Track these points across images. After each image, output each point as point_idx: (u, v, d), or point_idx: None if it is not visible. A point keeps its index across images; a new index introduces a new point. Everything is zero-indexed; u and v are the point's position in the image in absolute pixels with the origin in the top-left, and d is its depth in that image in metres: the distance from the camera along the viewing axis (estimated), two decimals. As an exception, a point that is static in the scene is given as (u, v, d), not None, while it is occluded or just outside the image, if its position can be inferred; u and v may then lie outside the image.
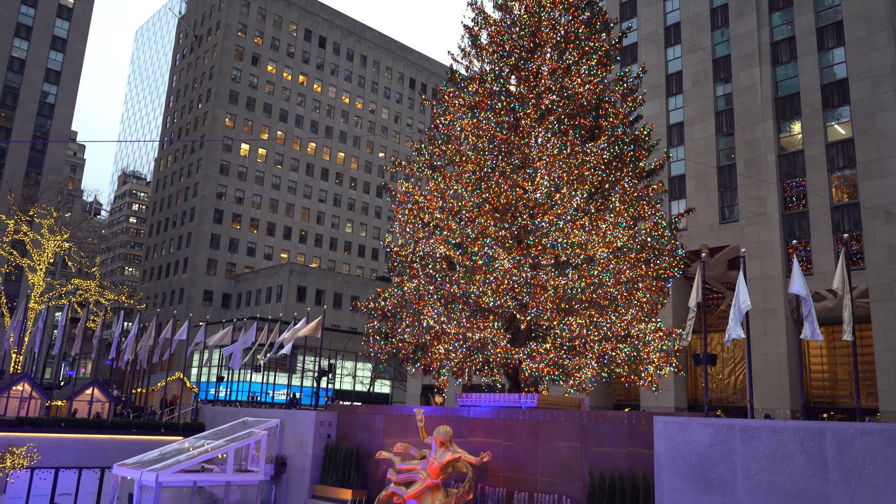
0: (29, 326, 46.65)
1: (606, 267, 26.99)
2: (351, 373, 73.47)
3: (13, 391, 38.03)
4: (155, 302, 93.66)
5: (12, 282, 65.11)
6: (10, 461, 32.50)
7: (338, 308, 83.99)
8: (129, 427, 37.73)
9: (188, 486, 28.96)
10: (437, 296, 29.08)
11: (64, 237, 56.53)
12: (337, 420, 33.00)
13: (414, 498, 24.23)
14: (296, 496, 32.01)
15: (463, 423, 27.01)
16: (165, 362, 54.83)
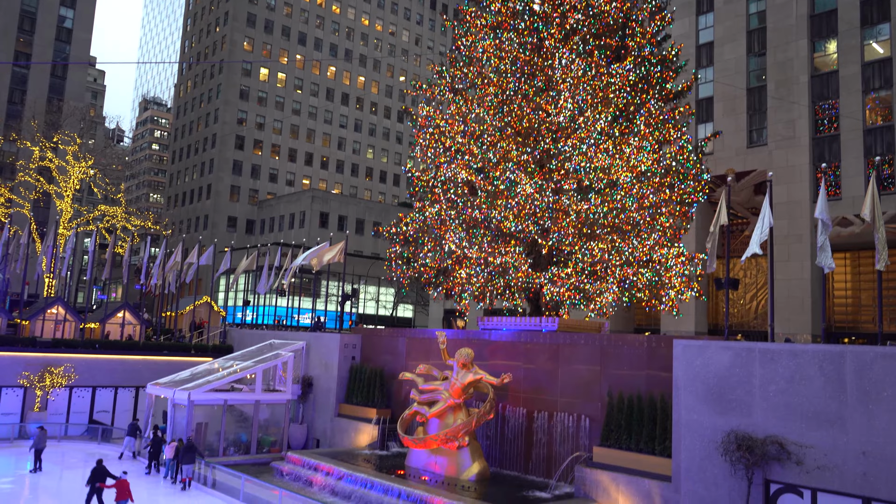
0: (59, 252, 47.65)
1: (629, 191, 26.74)
2: (374, 297, 74.59)
3: (48, 314, 39.23)
4: (180, 228, 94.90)
5: (41, 208, 66.20)
6: (49, 380, 33.86)
7: (360, 234, 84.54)
8: (160, 348, 38.95)
9: (219, 404, 30.06)
10: (458, 221, 29.12)
11: (88, 164, 57.00)
12: (361, 343, 33.74)
13: (436, 417, 24.96)
14: (322, 415, 33.13)
15: (484, 346, 27.50)
16: (193, 287, 56.01)
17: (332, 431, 32.33)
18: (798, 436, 16.79)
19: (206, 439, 30.07)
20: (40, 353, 34.67)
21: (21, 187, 62.06)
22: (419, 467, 25.21)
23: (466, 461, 24.20)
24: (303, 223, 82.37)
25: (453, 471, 24.15)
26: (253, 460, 29.50)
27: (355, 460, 26.65)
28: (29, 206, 58.27)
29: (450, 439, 24.18)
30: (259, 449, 30.86)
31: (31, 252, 47.42)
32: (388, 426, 29.79)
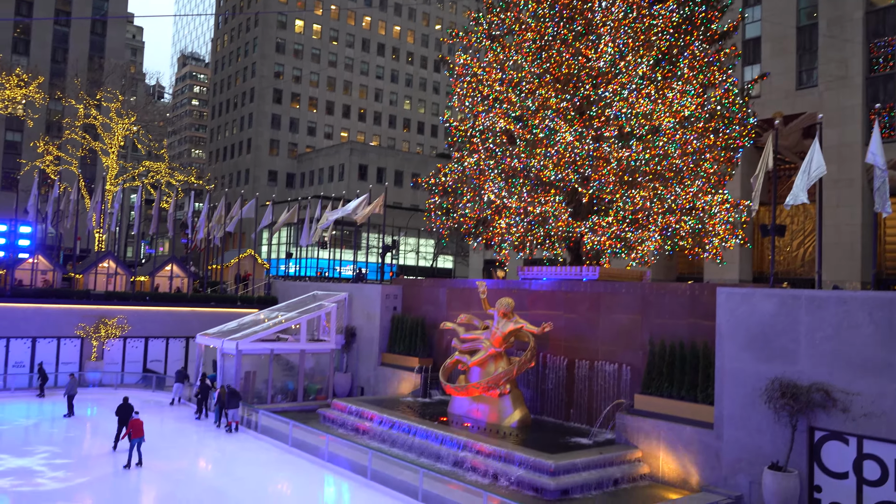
0: (108, 207, 48.87)
1: (672, 137, 26.14)
2: (414, 249, 75.05)
3: (100, 268, 40.51)
4: (222, 182, 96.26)
5: (88, 165, 67.70)
6: (104, 331, 35.19)
7: (399, 186, 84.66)
8: (207, 300, 40.03)
9: (266, 353, 30.91)
10: (497, 170, 28.92)
11: (131, 120, 57.86)
12: (402, 293, 34.13)
13: (478, 365, 25.29)
14: (366, 363, 33.84)
15: (524, 296, 27.57)
16: (237, 240, 57.08)
17: (375, 380, 33.05)
18: (845, 383, 16.60)
19: (255, 387, 31.05)
20: (94, 305, 35.97)
21: (68, 145, 63.48)
22: (461, 414, 25.69)
23: (508, 408, 24.56)
24: (342, 176, 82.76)
25: (495, 418, 24.56)
26: (300, 407, 30.41)
27: (399, 407, 27.25)
28: (77, 163, 59.63)
29: (491, 387, 24.52)
30: (305, 397, 31.77)
31: (81, 208, 48.72)
32: (430, 374, 30.31)
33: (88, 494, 18.97)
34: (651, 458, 20.94)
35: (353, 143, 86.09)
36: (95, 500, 18.55)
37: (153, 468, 21.61)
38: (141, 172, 60.10)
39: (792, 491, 16.84)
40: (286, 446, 23.71)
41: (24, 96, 54.64)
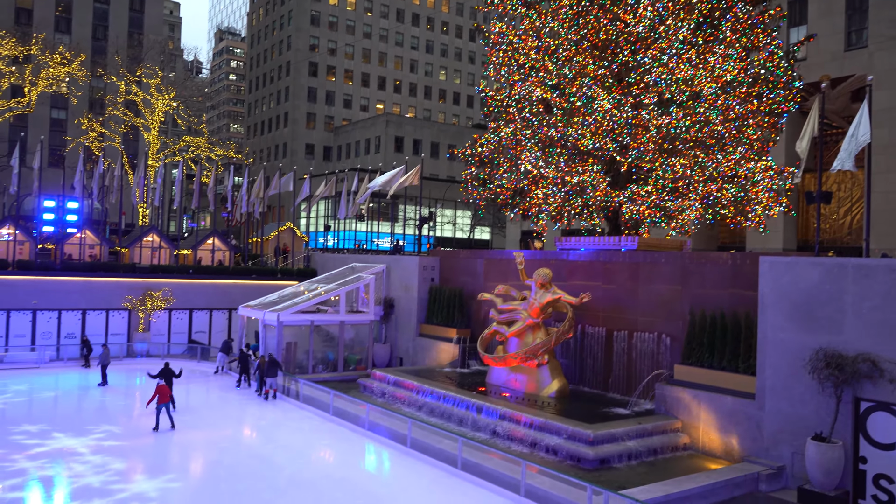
0: (150, 183, 49.84)
1: (714, 103, 25.51)
2: (451, 221, 75.05)
3: (145, 242, 41.47)
4: (261, 156, 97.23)
5: (130, 141, 68.99)
6: (150, 303, 36.14)
7: (435, 157, 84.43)
8: (248, 273, 40.75)
9: (306, 325, 31.43)
10: (534, 140, 28.64)
11: (171, 96, 58.63)
12: (439, 265, 34.26)
13: (515, 336, 25.35)
14: (404, 334, 34.18)
15: (562, 266, 27.45)
16: (276, 213, 57.78)
17: (414, 350, 33.38)
18: (893, 353, 16.22)
19: (296, 358, 31.65)
20: (140, 278, 36.92)
21: (111, 121, 64.69)
22: (499, 384, 25.85)
23: (546, 378, 24.62)
24: (378, 148, 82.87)
25: (533, 388, 24.65)
26: (340, 377, 30.94)
27: (437, 377, 27.53)
28: (119, 139, 60.81)
29: (529, 357, 24.59)
30: (345, 367, 32.29)
31: (125, 183, 49.78)
32: (468, 345, 30.49)
33: (137, 460, 19.65)
34: (691, 428, 20.84)
35: (388, 116, 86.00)
36: (145, 466, 19.21)
37: (199, 436, 22.27)
38: (181, 148, 61.02)
39: (836, 462, 16.63)
40: (327, 415, 24.19)
41: (67, 74, 55.68)
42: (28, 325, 34.42)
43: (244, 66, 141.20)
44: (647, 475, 18.02)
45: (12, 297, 33.82)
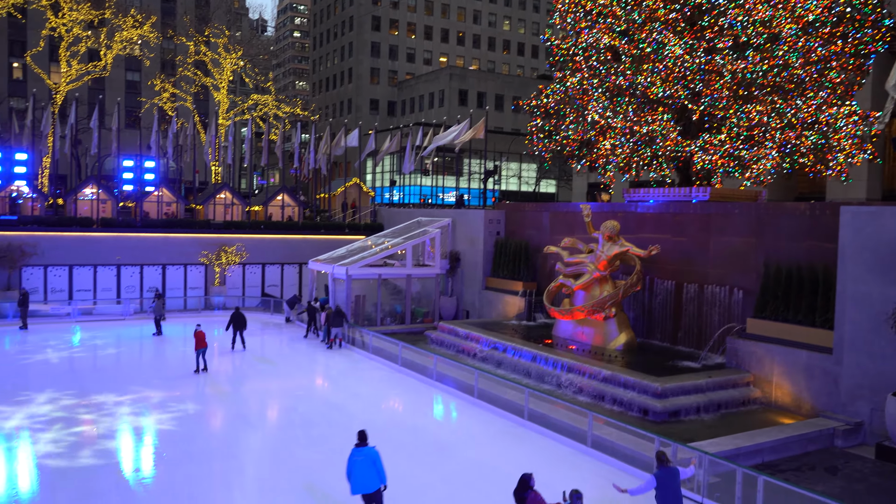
0: (221, 141, 51.08)
1: (794, 45, 24.22)
2: (515, 174, 74.39)
3: (217, 199, 42.77)
4: (326, 113, 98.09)
5: (201, 101, 70.59)
6: (224, 258, 37.46)
7: (499, 110, 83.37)
8: (317, 228, 41.64)
9: (374, 278, 32.03)
10: (601, 89, 27.91)
11: (238, 55, 59.51)
12: (505, 218, 34.16)
13: (582, 289, 25.20)
14: (470, 287, 34.43)
15: (630, 219, 26.97)
16: (342, 169, 58.51)
17: (480, 303, 33.63)
18: (983, 306, 15.42)
19: (365, 310, 32.38)
20: (214, 233, 38.24)
21: (182, 82, 66.26)
22: (566, 337, 25.85)
23: (613, 331, 24.48)
24: (442, 102, 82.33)
25: (600, 341, 24.57)
26: (407, 329, 31.52)
27: (503, 330, 27.72)
28: (190, 99, 62.31)
29: (596, 310, 24.45)
30: (412, 319, 32.85)
31: (197, 142, 51.20)
32: (533, 298, 30.52)
33: (217, 407, 20.66)
34: (763, 382, 20.43)
35: (452, 69, 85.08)
36: (225, 413, 20.18)
37: (275, 384, 23.21)
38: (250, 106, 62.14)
39: (918, 418, 16.07)
40: (396, 366, 24.77)
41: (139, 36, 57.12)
42: (113, 279, 36.26)
43: (308, 22, 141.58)
44: (717, 428, 17.84)
45: (97, 253, 35.61)
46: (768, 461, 16.08)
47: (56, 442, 16.46)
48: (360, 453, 11.74)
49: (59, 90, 49.14)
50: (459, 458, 16.21)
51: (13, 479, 14.65)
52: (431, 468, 15.30)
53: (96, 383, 21.95)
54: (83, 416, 18.55)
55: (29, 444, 16.35)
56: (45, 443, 16.39)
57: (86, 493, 13.58)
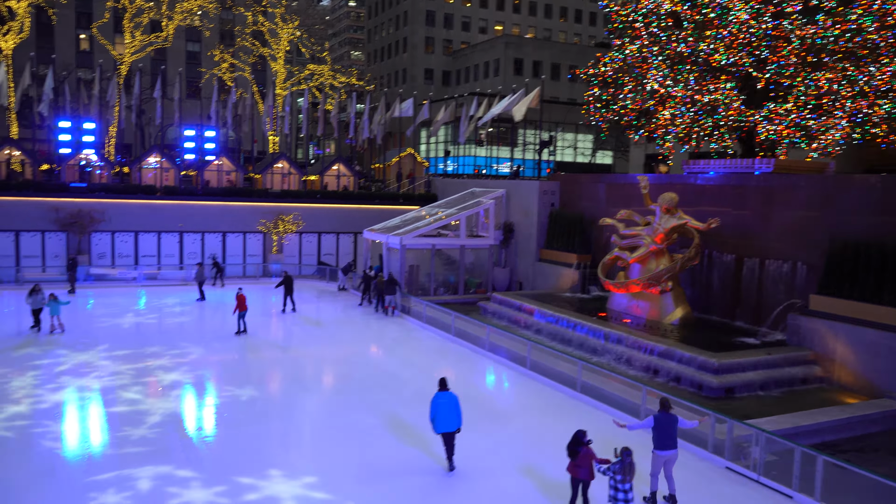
0: (278, 111, 51.74)
1: (869, 8, 23.04)
2: (571, 145, 73.26)
3: (275, 168, 43.48)
4: (381, 83, 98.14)
5: (259, 71, 71.46)
6: (281, 226, 38.20)
7: (555, 79, 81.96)
8: (372, 198, 41.99)
9: (427, 248, 32.22)
10: (661, 57, 27.17)
11: (294, 24, 59.89)
12: (559, 189, 33.80)
13: (638, 262, 24.85)
14: (524, 259, 34.32)
15: (689, 191, 26.35)
16: (397, 139, 58.66)
17: (533, 275, 33.52)
18: None
19: (418, 280, 32.66)
20: (272, 202, 38.97)
21: (241, 52, 67.13)
22: (620, 310, 25.60)
23: (669, 305, 24.12)
24: (497, 71, 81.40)
25: (655, 314, 24.24)
26: (460, 300, 31.70)
27: (557, 302, 27.61)
28: (249, 69, 63.13)
29: (652, 284, 24.10)
30: (466, 290, 33.00)
31: (255, 112, 52.00)
32: (588, 271, 30.25)
33: (275, 371, 21.25)
34: (825, 361, 19.89)
35: (507, 37, 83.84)
36: (283, 375, 20.75)
37: (331, 351, 23.71)
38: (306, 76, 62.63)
39: None
40: (449, 335, 24.98)
41: (199, 7, 57.98)
42: (176, 245, 37.42)
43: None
44: (776, 406, 17.51)
45: (161, 220, 36.75)
46: (828, 441, 15.72)
47: (123, 401, 17.23)
48: (443, 397, 13.07)
49: (124, 61, 50.44)
50: (512, 427, 16.34)
51: (85, 434, 15.43)
52: (484, 436, 15.47)
53: (159, 344, 22.82)
54: (147, 377, 19.35)
55: (99, 401, 17.17)
56: (112, 400, 17.19)
57: (153, 449, 14.21)
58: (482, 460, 14.16)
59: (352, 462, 13.95)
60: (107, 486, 12.41)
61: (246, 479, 12.86)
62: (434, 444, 14.19)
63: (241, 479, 12.82)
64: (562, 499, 12.06)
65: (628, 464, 10.78)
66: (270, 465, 13.56)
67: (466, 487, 13.03)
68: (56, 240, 34.93)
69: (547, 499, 12.62)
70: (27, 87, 39.93)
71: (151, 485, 12.54)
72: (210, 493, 12.34)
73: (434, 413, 13.05)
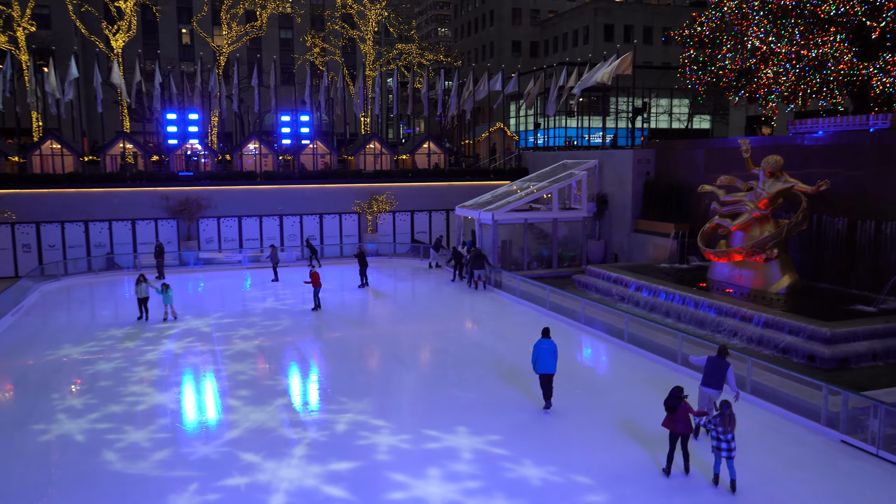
0: (369, 93, 52.55)
1: None
2: (666, 110, 70.68)
3: (367, 149, 44.29)
4: (468, 58, 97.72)
5: (349, 54, 72.76)
6: (375, 206, 38.95)
7: (648, 44, 79.05)
8: (462, 174, 42.09)
9: (520, 223, 32.06)
10: (763, 11, 25.68)
11: (382, 5, 60.46)
12: (655, 157, 32.78)
13: (740, 229, 23.84)
14: (618, 230, 33.59)
15: (795, 152, 24.95)
16: (486, 114, 58.40)
17: (628, 246, 32.77)
18: None
19: (511, 255, 32.59)
20: (366, 183, 39.76)
21: (331, 36, 68.51)
22: (722, 280, 24.69)
23: (775, 273, 23.04)
24: (587, 39, 79.37)
25: (760, 283, 23.24)
26: (554, 273, 31.43)
27: (654, 273, 26.91)
28: (339, 52, 64.36)
29: (756, 251, 23.08)
30: (559, 263, 32.67)
31: (346, 95, 53.02)
32: (686, 240, 29.28)
33: (374, 347, 21.82)
34: (952, 328, 18.50)
35: (597, 3, 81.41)
36: (381, 351, 21.27)
37: (427, 326, 24.10)
38: (394, 56, 63.21)
39: None
40: (543, 309, 24.85)
41: (290, -6, 59.56)
42: (276, 228, 38.88)
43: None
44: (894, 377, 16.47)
45: (262, 204, 38.24)
46: (956, 414, 14.65)
47: (233, 375, 18.21)
48: (544, 343, 15.24)
49: (223, 52, 52.49)
50: (610, 400, 16.15)
51: (202, 406, 16.43)
52: (583, 411, 15.38)
53: (267, 322, 23.90)
54: (254, 352, 20.32)
55: (211, 376, 18.21)
56: (223, 375, 18.18)
57: (260, 424, 14.96)
58: (582, 436, 14.12)
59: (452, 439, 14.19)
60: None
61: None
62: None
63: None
64: (661, 452, 12.25)
65: (728, 415, 11.32)
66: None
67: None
68: (168, 226, 37.02)
69: (646, 451, 12.66)
70: (138, 83, 42.26)
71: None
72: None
73: (536, 356, 15.13)
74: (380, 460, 12.99)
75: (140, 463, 12.99)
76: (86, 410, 15.73)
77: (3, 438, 14.26)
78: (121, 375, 18.29)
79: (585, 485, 11.96)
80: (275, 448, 13.58)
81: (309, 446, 13.69)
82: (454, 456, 13.11)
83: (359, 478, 12.31)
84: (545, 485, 11.96)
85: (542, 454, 13.14)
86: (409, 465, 12.73)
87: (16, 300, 26.40)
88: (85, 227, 35.76)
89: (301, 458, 13.16)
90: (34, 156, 38.61)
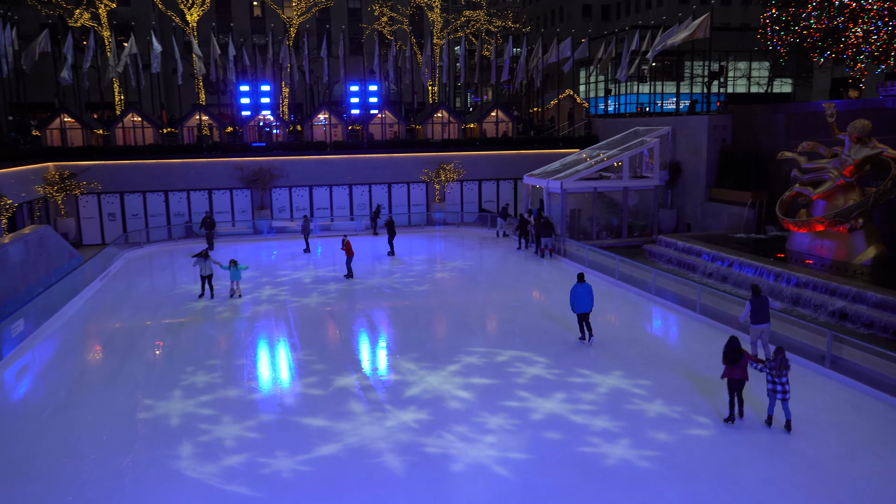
0: (436, 61, 52.31)
1: None
2: (744, 74, 67.82)
3: (435, 118, 44.25)
4: (537, 23, 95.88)
5: (416, 23, 72.40)
6: (443, 175, 39.02)
7: (725, 4, 75.70)
8: (531, 142, 41.62)
9: (589, 191, 31.57)
10: (853, -33, 24.21)
11: (450, -28, 59.75)
12: (731, 123, 31.62)
13: (822, 198, 22.85)
14: (692, 199, 32.68)
15: (885, 116, 23.63)
16: (555, 81, 57.40)
17: (702, 215, 31.88)
18: None
19: (580, 224, 32.18)
20: (433, 152, 39.83)
21: (399, 5, 68.32)
22: (801, 251, 23.78)
23: (860, 244, 22.03)
24: (661, 1, 76.63)
25: (843, 254, 22.27)
26: (624, 243, 30.90)
27: (729, 243, 26.14)
28: (407, 21, 64.14)
29: (839, 221, 22.09)
30: (630, 233, 32.09)
31: (414, 64, 52.95)
32: (764, 209, 28.27)
33: (440, 316, 22.02)
34: None
35: (672, -38, 78.29)
36: (448, 321, 21.47)
37: (494, 295, 24.15)
38: (462, 23, 62.58)
39: None
40: (613, 279, 24.53)
41: (358, -37, 59.47)
42: (346, 197, 39.49)
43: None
44: None
45: (332, 173, 38.86)
46: None
47: (302, 346, 18.77)
48: (581, 286, 17.56)
49: (293, 23, 53.10)
50: (682, 372, 15.89)
51: (278, 375, 17.05)
52: (655, 385, 15.18)
53: (338, 291, 24.45)
54: (325, 320, 20.85)
55: (285, 345, 18.82)
56: (293, 346, 18.77)
57: (335, 402, 15.43)
58: (649, 410, 13.98)
59: (518, 409, 14.27)
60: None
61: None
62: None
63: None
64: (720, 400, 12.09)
65: (781, 360, 12.30)
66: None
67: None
68: (242, 196, 38.10)
69: (705, 399, 12.54)
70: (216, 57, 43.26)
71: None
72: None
73: (573, 299, 17.55)
74: (449, 409, 13.21)
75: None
76: (164, 372, 16.57)
77: (92, 396, 15.19)
78: (197, 341, 19.14)
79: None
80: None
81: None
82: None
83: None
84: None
85: (614, 412, 13.12)
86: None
87: (103, 266, 27.84)
88: (165, 197, 37.19)
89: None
90: (117, 128, 40.22)
